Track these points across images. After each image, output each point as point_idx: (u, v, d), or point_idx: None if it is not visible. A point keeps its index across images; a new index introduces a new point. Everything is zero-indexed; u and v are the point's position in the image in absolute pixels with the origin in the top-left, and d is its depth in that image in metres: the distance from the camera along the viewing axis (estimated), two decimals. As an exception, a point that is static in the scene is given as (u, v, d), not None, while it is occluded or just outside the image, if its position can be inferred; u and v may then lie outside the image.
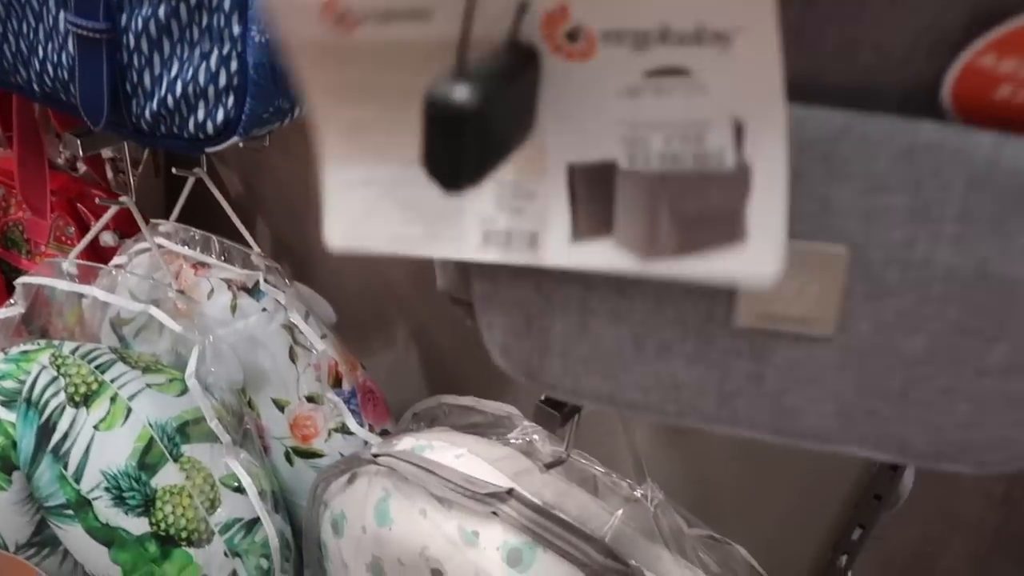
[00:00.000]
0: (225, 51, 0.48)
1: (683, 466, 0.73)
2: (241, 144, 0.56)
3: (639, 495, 0.60)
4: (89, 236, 0.74)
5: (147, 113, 0.52)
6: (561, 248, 0.29)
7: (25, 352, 0.75)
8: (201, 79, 0.49)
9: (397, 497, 0.67)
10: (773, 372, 0.31)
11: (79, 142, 0.63)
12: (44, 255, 0.98)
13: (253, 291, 0.79)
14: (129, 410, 0.74)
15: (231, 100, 0.50)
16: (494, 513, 0.62)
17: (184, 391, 0.77)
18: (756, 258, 0.26)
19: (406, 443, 0.70)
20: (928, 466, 0.31)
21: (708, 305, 0.30)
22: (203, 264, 0.79)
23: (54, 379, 0.73)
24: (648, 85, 0.25)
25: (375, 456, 0.67)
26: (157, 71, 0.50)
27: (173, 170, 0.74)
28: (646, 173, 0.27)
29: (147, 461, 0.73)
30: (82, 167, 1.03)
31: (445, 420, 0.74)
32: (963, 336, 0.28)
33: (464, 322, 0.38)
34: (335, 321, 0.85)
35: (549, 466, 0.58)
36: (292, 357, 0.79)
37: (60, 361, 0.74)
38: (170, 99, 0.50)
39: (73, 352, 0.75)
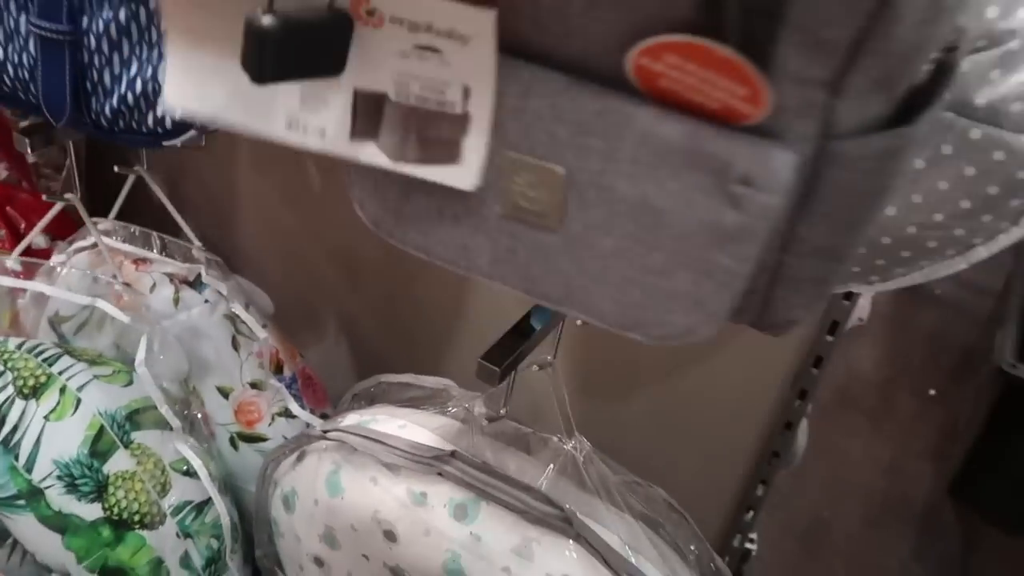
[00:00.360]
0: (183, 50, 0.53)
1: (605, 422, 0.80)
2: (179, 144, 0.60)
3: (569, 448, 0.67)
4: (36, 230, 0.76)
5: (107, 110, 0.55)
6: (342, 143, 0.41)
7: (-31, 350, 0.77)
8: (160, 77, 0.54)
9: (347, 468, 0.72)
10: (523, 249, 0.43)
11: (28, 141, 0.66)
12: (-27, 258, 0.99)
13: (195, 284, 0.82)
14: (79, 400, 0.76)
15: (189, 96, 0.54)
16: (439, 474, 0.68)
17: (130, 382, 0.80)
18: (464, 173, 0.40)
19: (351, 419, 0.75)
20: (617, 331, 0.42)
21: (483, 195, 0.42)
22: (144, 260, 0.82)
23: (1, 373, 0.75)
24: (415, 53, 0.38)
25: (324, 432, 0.72)
26: (117, 70, 0.54)
27: (116, 168, 0.77)
28: (404, 106, 0.40)
29: (98, 448, 0.76)
30: (2, 172, 1.04)
31: (384, 398, 0.79)
32: (635, 243, 0.39)
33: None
34: (272, 312, 0.89)
35: (491, 420, 0.64)
36: (235, 346, 0.83)
37: (6, 356, 0.76)
38: (130, 96, 0.54)
39: (19, 347, 0.77)
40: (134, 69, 0.54)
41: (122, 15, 0.52)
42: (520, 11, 0.35)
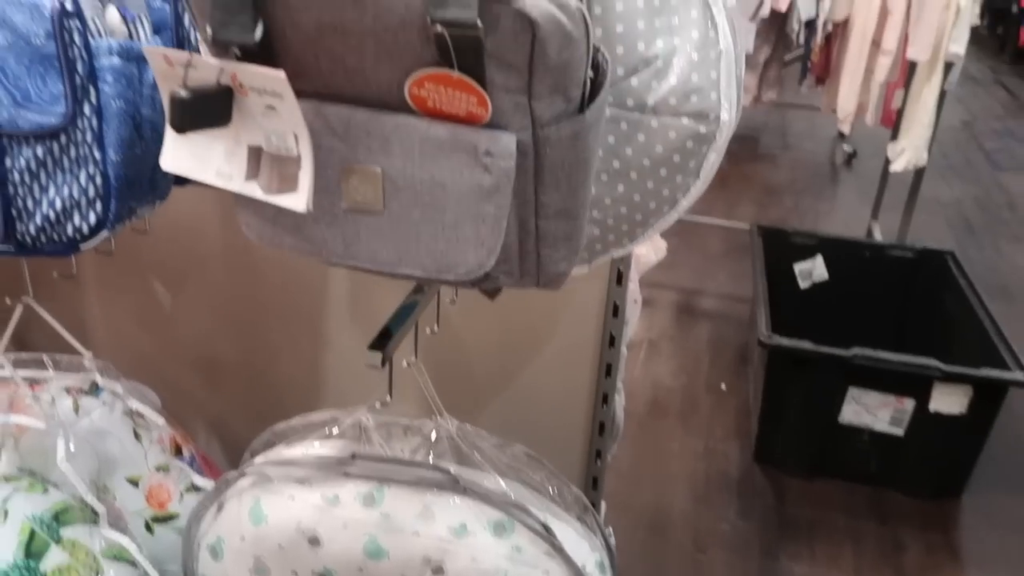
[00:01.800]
0: (90, 171, 0.68)
1: (465, 406, 0.99)
2: (94, 248, 0.74)
3: (443, 426, 0.85)
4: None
5: (31, 228, 0.69)
6: (240, 183, 0.59)
7: None
8: (75, 194, 0.69)
9: (266, 496, 0.86)
10: (363, 231, 0.60)
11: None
12: None
13: (90, 391, 0.94)
14: (6, 511, 0.85)
15: (99, 206, 0.69)
16: (346, 474, 0.84)
17: (46, 490, 0.89)
18: (299, 199, 0.57)
19: (260, 459, 0.89)
20: (435, 277, 0.60)
21: (331, 199, 0.60)
22: (39, 381, 0.93)
23: (-73, 504, 0.83)
24: (266, 111, 0.57)
25: (241, 472, 0.86)
26: (38, 195, 0.68)
27: (7, 300, 0.88)
28: (269, 153, 0.58)
29: (32, 550, 0.85)
30: None
31: (277, 444, 0.93)
32: (433, 210, 0.58)
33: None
34: (160, 404, 1.01)
35: (382, 404, 0.81)
36: (137, 437, 0.95)
37: (-72, 488, 0.84)
38: (52, 214, 0.69)
39: (-61, 476, 0.85)
40: (52, 192, 0.69)
41: (40, 151, 0.67)
42: (335, 71, 0.56)
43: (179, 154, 0.60)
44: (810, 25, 2.65)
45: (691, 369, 2.41)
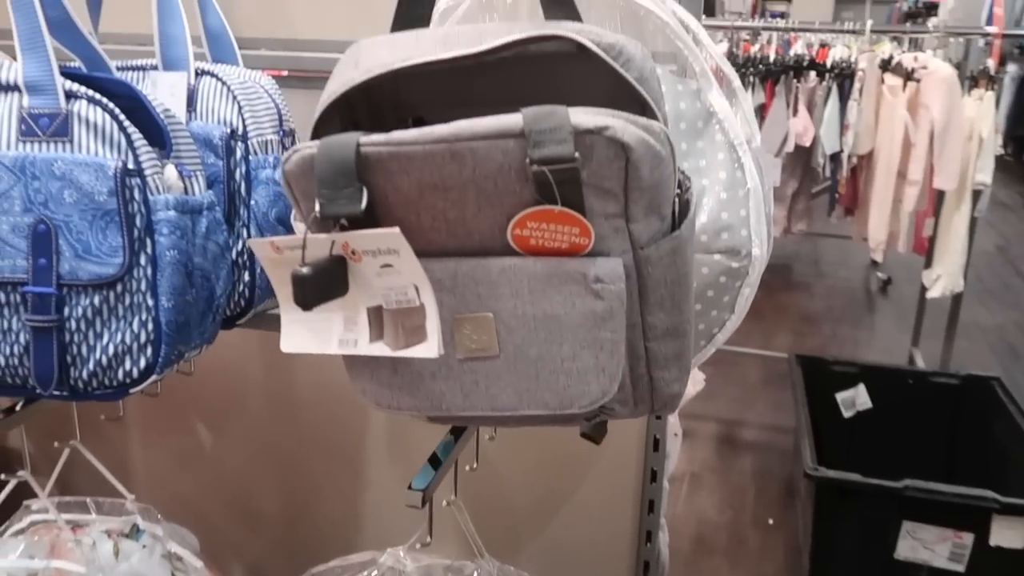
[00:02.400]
0: (143, 318, 0.71)
1: (504, 535, 0.96)
2: (142, 391, 0.76)
3: (484, 568, 0.83)
4: (-9, 512, 0.86)
5: (84, 374, 0.72)
6: (365, 346, 0.60)
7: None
8: (127, 340, 0.71)
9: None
10: (481, 379, 0.61)
11: (-6, 424, 0.79)
12: None
13: (131, 533, 0.94)
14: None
15: (150, 351, 0.72)
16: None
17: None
18: (430, 346, 0.58)
19: (298, 604, 0.87)
20: (561, 412, 0.60)
21: (447, 350, 0.59)
22: (81, 525, 0.93)
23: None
24: (382, 271, 0.58)
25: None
26: (92, 342, 0.71)
27: (55, 444, 0.90)
28: (390, 310, 0.59)
29: None
30: None
31: (319, 586, 0.92)
32: (549, 344, 0.59)
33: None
34: (199, 548, 1.00)
35: (422, 544, 0.80)
36: (175, 581, 0.94)
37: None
38: (104, 359, 0.71)
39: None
40: (105, 338, 0.71)
41: (97, 300, 0.70)
42: (436, 227, 0.58)
43: (298, 334, 0.61)
44: (835, 158, 2.71)
45: (736, 503, 2.34)
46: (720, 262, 0.76)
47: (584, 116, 0.54)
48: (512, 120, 0.54)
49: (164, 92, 0.88)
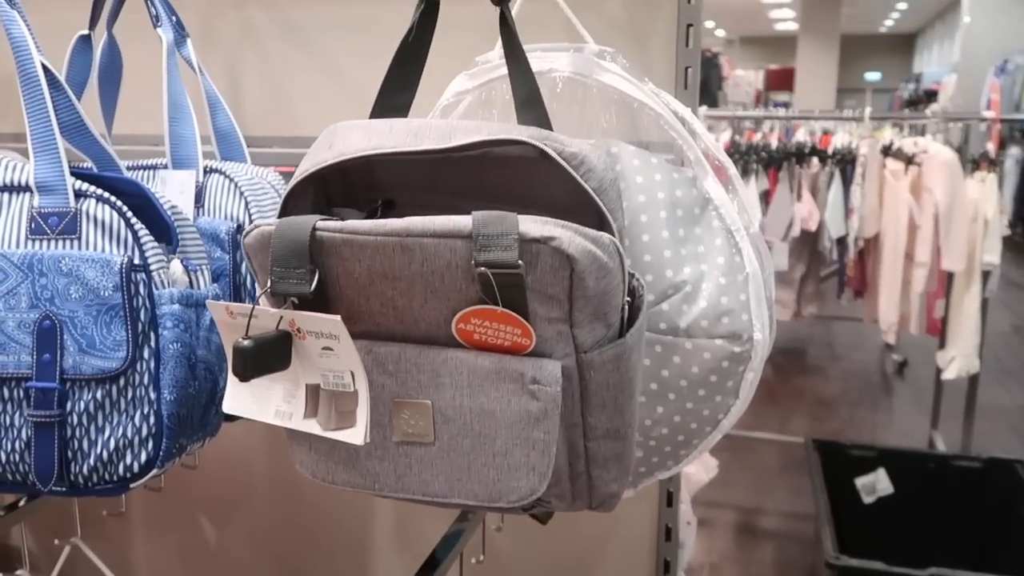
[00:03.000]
0: (145, 411, 0.71)
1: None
2: (144, 486, 0.76)
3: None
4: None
5: (85, 469, 0.71)
6: (300, 421, 0.62)
7: None
8: (129, 434, 0.71)
9: None
10: (415, 463, 0.62)
11: (-6, 523, 0.79)
12: None
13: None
14: None
15: (151, 445, 0.72)
16: None
17: None
18: (357, 433, 0.59)
19: None
20: (487, 505, 0.60)
21: (383, 432, 0.61)
22: (79, 625, 0.91)
23: None
24: (323, 352, 0.60)
25: None
26: (93, 436, 0.71)
27: (56, 541, 0.89)
28: (327, 391, 0.61)
29: None
30: None
31: None
32: (483, 437, 0.60)
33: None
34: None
35: None
36: None
37: None
38: (105, 454, 0.71)
39: None
40: (107, 432, 0.71)
41: (98, 394, 0.71)
42: (385, 313, 0.59)
43: (240, 398, 0.63)
44: (841, 242, 2.72)
45: (756, 596, 2.27)
46: (722, 347, 0.76)
47: (532, 225, 0.55)
48: (462, 222, 0.56)
49: (173, 189, 0.90)
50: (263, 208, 0.90)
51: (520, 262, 0.54)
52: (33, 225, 0.72)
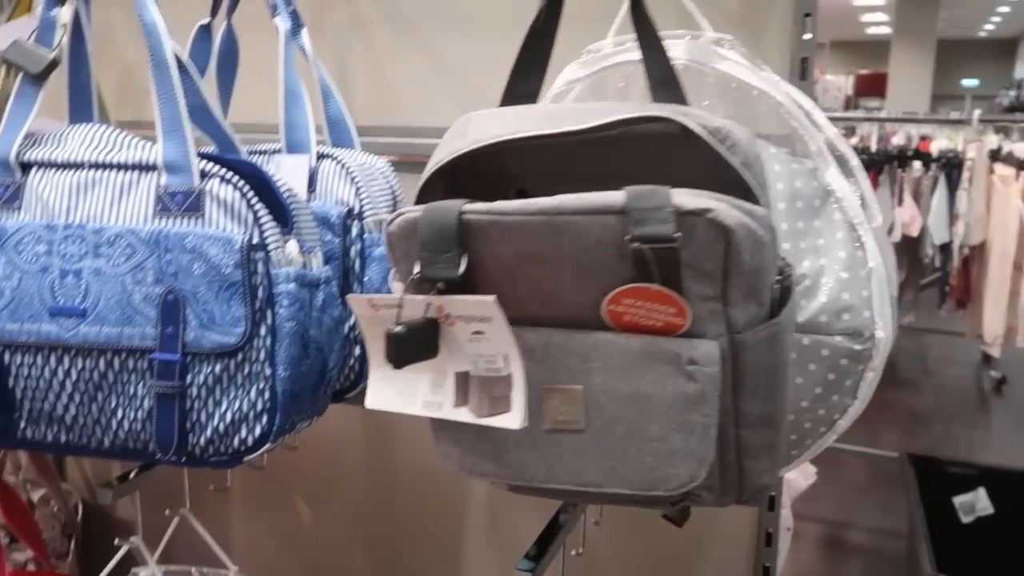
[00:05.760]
0: (260, 386, 0.73)
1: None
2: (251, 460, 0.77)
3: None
4: (105, 571, 0.88)
5: (202, 440, 0.73)
6: (450, 410, 0.60)
7: None
8: (244, 408, 0.73)
9: None
10: (566, 451, 0.60)
11: (111, 492, 0.82)
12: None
13: (233, 608, 0.94)
14: None
15: (265, 419, 0.73)
16: None
17: None
18: (514, 417, 0.58)
19: None
20: (645, 493, 0.58)
21: (532, 420, 0.59)
22: (185, 596, 0.94)
23: None
24: (473, 338, 0.59)
25: None
26: (211, 409, 0.73)
27: (166, 512, 0.91)
28: (477, 377, 0.59)
29: None
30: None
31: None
32: (638, 422, 0.57)
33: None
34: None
35: None
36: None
37: None
38: (221, 426, 0.73)
39: None
40: (224, 406, 0.73)
41: (217, 368, 0.73)
42: (532, 296, 0.58)
43: (383, 392, 0.62)
44: (945, 249, 2.62)
45: (845, 613, 2.20)
46: (841, 344, 0.73)
47: (686, 197, 0.54)
48: (614, 197, 0.55)
49: (287, 173, 0.92)
50: (373, 194, 0.91)
51: (677, 235, 0.53)
52: (160, 203, 0.75)
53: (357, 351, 0.89)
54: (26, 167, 0.77)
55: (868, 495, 2.87)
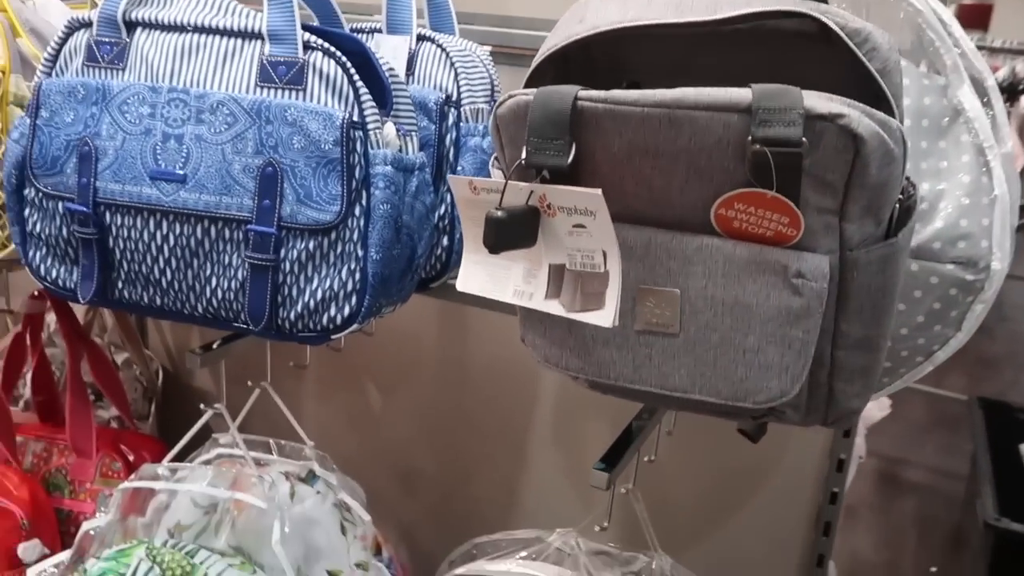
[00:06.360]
0: (352, 266, 0.73)
1: (674, 531, 0.93)
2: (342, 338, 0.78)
3: (654, 563, 0.80)
4: (187, 437, 0.92)
5: (292, 315, 0.74)
6: (540, 301, 0.60)
7: (122, 550, 0.89)
8: (335, 286, 0.73)
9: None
10: (656, 354, 0.59)
11: (199, 359, 0.84)
12: (90, 491, 1.12)
13: (306, 479, 0.97)
14: (218, 585, 0.88)
15: (355, 300, 0.73)
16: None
17: (254, 572, 0.92)
18: (606, 315, 0.56)
19: (460, 570, 0.87)
20: (731, 403, 0.57)
21: (625, 320, 0.58)
22: (262, 464, 0.97)
23: (151, 568, 0.87)
24: (573, 231, 0.57)
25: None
26: (302, 284, 0.73)
27: (248, 383, 0.94)
28: (573, 271, 0.58)
29: (238, 626, 0.87)
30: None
31: (481, 556, 0.92)
32: (734, 332, 0.56)
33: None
34: (365, 500, 1.03)
35: (601, 528, 0.78)
36: (343, 531, 0.96)
37: (155, 553, 0.88)
38: (312, 303, 0.74)
39: (164, 544, 0.90)
40: (315, 283, 0.73)
41: (312, 244, 0.73)
42: (639, 194, 0.57)
43: (475, 276, 0.62)
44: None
45: (896, 545, 2.20)
46: (952, 273, 0.70)
47: (818, 100, 0.51)
48: (740, 94, 0.52)
49: (387, 54, 0.90)
50: (472, 82, 0.88)
51: (804, 140, 0.50)
52: (263, 72, 0.74)
53: (445, 241, 0.88)
54: (131, 26, 0.76)
55: (929, 434, 2.82)
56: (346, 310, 0.74)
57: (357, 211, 0.73)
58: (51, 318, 1.27)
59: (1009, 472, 2.13)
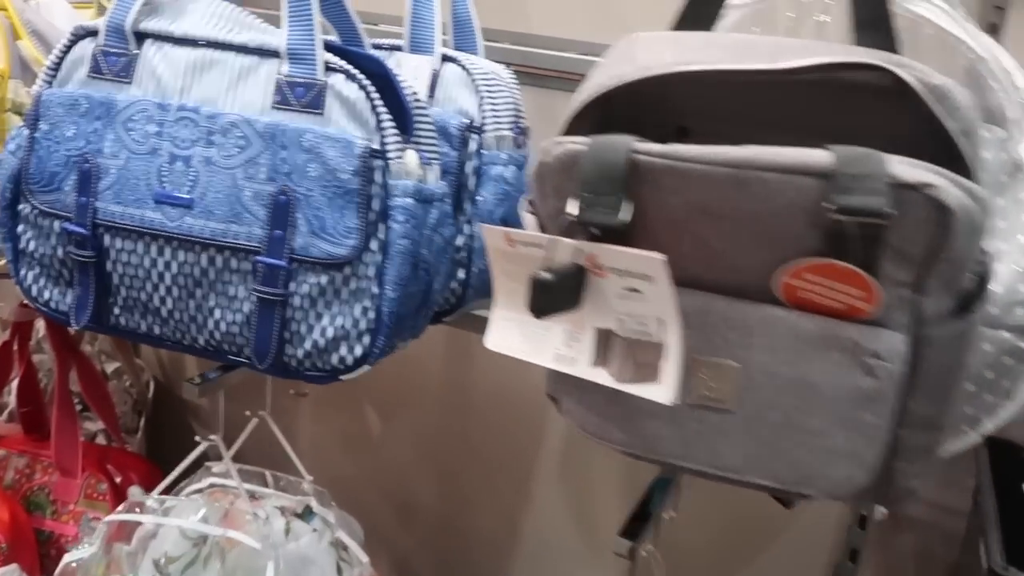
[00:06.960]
0: (366, 304, 0.68)
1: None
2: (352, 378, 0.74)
3: None
4: (179, 468, 0.87)
5: (299, 353, 0.69)
6: (585, 368, 0.55)
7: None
8: (347, 325, 0.68)
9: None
10: (708, 430, 0.54)
11: (197, 389, 0.79)
12: (73, 513, 1.07)
13: (304, 514, 0.92)
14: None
15: (368, 339, 0.69)
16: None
17: (244, 611, 0.87)
18: (664, 390, 0.52)
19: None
20: (790, 489, 0.53)
21: None
22: (257, 497, 0.92)
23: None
24: (625, 294, 0.52)
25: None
26: (312, 321, 0.69)
27: (246, 412, 0.89)
28: (623, 338, 0.53)
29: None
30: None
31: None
32: (797, 412, 0.52)
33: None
34: (363, 539, 0.98)
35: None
36: (339, 571, 0.91)
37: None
38: (321, 341, 0.69)
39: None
40: (326, 320, 0.69)
41: (324, 280, 0.68)
42: (696, 256, 0.52)
43: (508, 336, 0.57)
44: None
45: (893, 584, 2.16)
46: (1008, 340, 0.66)
47: (903, 167, 0.46)
48: (819, 157, 0.47)
49: (407, 74, 0.85)
50: (496, 107, 0.83)
51: (892, 211, 0.45)
52: (279, 93, 0.69)
53: (460, 274, 0.83)
54: (140, 38, 0.72)
55: (927, 467, 2.79)
56: (357, 350, 0.70)
57: (374, 245, 0.68)
58: (40, 323, 1.22)
59: (1015, 515, 2.09)
